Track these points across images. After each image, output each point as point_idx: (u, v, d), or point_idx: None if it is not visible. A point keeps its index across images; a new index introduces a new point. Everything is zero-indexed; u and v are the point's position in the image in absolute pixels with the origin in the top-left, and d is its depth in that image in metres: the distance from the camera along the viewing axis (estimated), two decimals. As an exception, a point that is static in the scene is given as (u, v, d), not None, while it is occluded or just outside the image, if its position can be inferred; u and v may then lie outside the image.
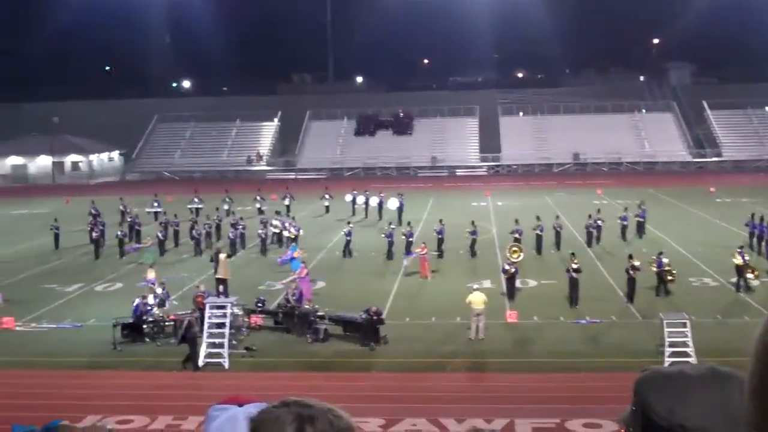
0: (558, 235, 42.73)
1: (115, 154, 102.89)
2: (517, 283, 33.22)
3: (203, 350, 25.19)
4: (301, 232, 44.60)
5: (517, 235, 41.33)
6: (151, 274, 32.10)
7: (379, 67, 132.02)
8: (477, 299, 27.38)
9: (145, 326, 28.06)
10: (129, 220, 49.06)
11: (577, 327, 28.65)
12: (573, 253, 33.73)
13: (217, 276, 33.77)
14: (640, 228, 46.10)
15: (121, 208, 53.97)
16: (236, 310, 27.90)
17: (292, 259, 36.83)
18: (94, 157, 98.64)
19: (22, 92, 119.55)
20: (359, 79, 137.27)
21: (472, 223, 42.93)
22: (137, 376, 24.50)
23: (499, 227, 48.19)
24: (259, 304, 30.15)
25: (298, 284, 31.42)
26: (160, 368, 25.20)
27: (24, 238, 50.35)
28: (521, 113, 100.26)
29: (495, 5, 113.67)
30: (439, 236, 41.77)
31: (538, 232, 42.03)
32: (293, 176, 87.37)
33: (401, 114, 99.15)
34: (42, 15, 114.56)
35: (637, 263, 31.36)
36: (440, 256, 40.80)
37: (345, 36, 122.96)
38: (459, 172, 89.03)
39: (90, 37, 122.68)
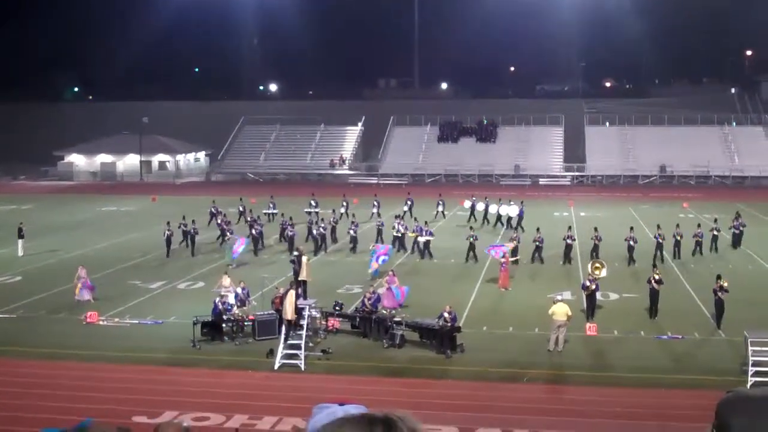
0: (678, 244, 42.60)
1: (201, 155, 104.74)
2: (599, 296, 32.66)
3: (280, 351, 25.36)
4: (433, 237, 44.38)
5: (631, 243, 41.55)
6: (226, 281, 32.35)
7: (465, 74, 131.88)
8: (560, 311, 26.99)
9: (224, 325, 28.41)
10: (249, 220, 49.45)
11: (658, 342, 28.04)
12: (655, 265, 33.08)
13: (299, 278, 34.03)
14: (737, 240, 46.13)
15: (240, 208, 54.75)
16: (314, 313, 28.04)
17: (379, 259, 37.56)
18: (180, 157, 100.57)
19: (113, 92, 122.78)
20: (444, 86, 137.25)
21: (569, 228, 44.06)
22: (215, 375, 24.77)
23: (581, 238, 47.52)
24: (337, 308, 30.26)
25: (389, 283, 32.05)
26: (238, 367, 25.45)
27: (112, 235, 51.57)
28: (608, 123, 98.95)
29: (584, 14, 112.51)
30: (538, 245, 42.14)
31: (659, 240, 42.14)
32: (375, 181, 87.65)
33: (485, 121, 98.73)
34: (134, 18, 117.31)
35: (725, 284, 29.74)
36: (540, 262, 41.88)
37: (431, 43, 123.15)
38: (542, 181, 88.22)
39: (180, 40, 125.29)
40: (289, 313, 25.97)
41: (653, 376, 24.31)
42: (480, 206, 55.45)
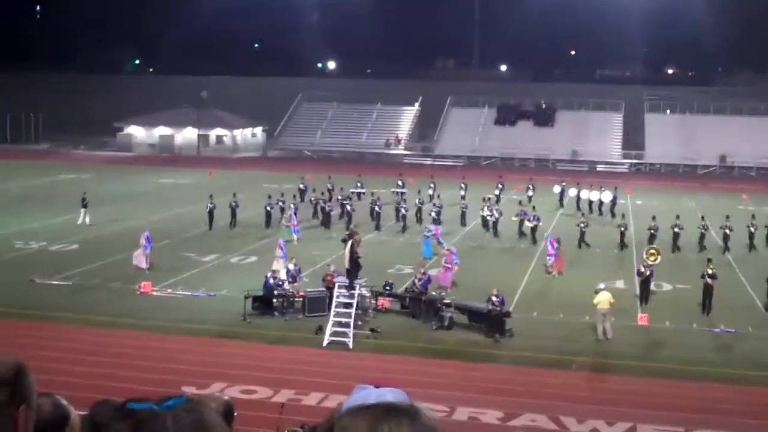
0: (727, 237, 41.60)
1: (258, 131, 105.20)
2: (652, 286, 32.33)
3: (329, 329, 25.51)
4: (541, 222, 43.86)
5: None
6: (278, 252, 32.88)
7: (524, 56, 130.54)
8: (603, 299, 26.86)
9: (275, 300, 28.64)
10: (339, 198, 49.24)
11: (710, 335, 27.72)
12: (710, 259, 32.60)
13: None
14: None
15: (328, 186, 54.37)
16: (364, 292, 28.13)
17: (426, 240, 37.76)
18: (237, 132, 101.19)
19: (174, 65, 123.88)
20: (503, 68, 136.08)
21: (623, 216, 44.59)
22: (264, 349, 25.03)
23: (636, 226, 46.96)
24: (387, 287, 30.34)
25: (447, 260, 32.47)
26: (287, 342, 25.67)
27: (168, 207, 52.14)
28: (668, 111, 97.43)
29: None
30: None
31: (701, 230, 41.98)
32: (430, 162, 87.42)
33: (544, 105, 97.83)
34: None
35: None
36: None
37: (491, 23, 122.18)
38: (599, 168, 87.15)
39: (241, 15, 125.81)
40: (346, 261, 26.82)
41: (704, 369, 24.03)
42: (572, 192, 55.30)
